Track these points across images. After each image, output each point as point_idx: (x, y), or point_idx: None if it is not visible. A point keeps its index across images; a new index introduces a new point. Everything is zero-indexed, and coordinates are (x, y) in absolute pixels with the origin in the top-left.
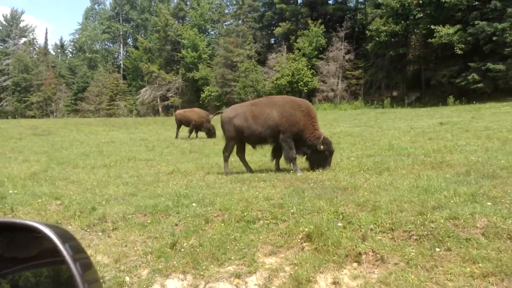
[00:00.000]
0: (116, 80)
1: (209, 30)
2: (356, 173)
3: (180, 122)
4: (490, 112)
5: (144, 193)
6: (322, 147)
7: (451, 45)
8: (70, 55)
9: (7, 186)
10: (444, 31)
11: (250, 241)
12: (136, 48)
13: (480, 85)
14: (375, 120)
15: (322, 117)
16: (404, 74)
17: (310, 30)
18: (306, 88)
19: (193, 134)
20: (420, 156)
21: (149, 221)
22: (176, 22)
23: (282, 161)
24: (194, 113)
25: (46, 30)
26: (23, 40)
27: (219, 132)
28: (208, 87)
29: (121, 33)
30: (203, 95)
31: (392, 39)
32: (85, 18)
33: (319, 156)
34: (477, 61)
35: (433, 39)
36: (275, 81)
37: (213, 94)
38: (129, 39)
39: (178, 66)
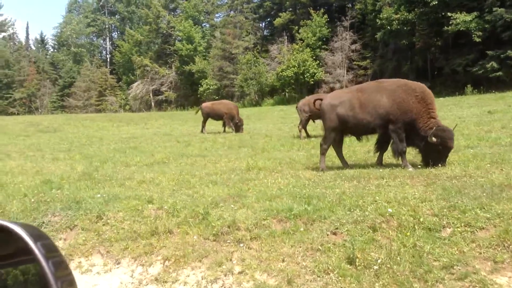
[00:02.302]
0: (105, 75)
1: (204, 22)
2: (482, 166)
3: (207, 116)
4: None
5: (251, 193)
6: (434, 139)
7: (464, 33)
8: (52, 50)
9: (70, 187)
10: (461, 18)
11: (452, 255)
12: (124, 41)
13: (499, 73)
14: None
15: None
16: (414, 63)
17: (312, 20)
18: (312, 79)
19: (208, 127)
20: None
21: (301, 229)
22: (168, 13)
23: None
24: (223, 105)
25: (27, 24)
26: (2, 35)
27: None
28: (206, 81)
29: (107, 26)
30: (201, 89)
31: (405, 27)
32: (68, 11)
33: (433, 149)
34: (495, 49)
35: (449, 27)
36: (280, 73)
37: (211, 87)
38: (114, 33)
39: (171, 60)
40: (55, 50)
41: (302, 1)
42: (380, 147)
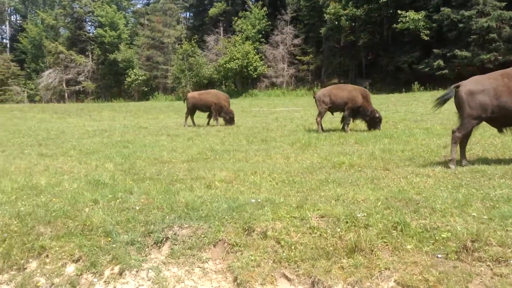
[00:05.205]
0: (7, 62)
1: (127, 8)
2: None
3: (193, 107)
4: None
5: (416, 196)
6: None
7: (409, 31)
8: None
9: (142, 190)
10: (411, 16)
11: None
12: (33, 25)
13: (444, 71)
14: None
15: (289, 102)
16: (356, 60)
17: (252, 12)
18: (256, 73)
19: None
20: None
21: None
22: None
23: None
24: (212, 95)
25: None
26: None
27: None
28: (134, 71)
29: (6, 8)
30: (128, 79)
31: (353, 24)
32: None
33: None
34: (440, 47)
35: (398, 25)
36: (224, 65)
37: (140, 78)
38: (14, 16)
39: (90, 47)
40: None
41: None
42: None
